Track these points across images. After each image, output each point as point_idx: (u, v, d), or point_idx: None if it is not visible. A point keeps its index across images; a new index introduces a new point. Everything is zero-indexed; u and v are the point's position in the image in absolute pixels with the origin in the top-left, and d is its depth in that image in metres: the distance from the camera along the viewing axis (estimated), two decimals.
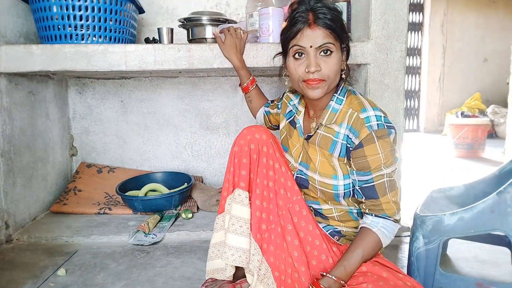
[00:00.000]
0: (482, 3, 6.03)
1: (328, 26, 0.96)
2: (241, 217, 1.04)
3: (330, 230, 1.12)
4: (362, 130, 0.97)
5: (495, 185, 1.28)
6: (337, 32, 0.98)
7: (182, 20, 1.78)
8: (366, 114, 0.99)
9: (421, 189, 2.54)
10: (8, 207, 1.65)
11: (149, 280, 1.32)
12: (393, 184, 1.00)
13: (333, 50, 0.98)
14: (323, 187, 1.06)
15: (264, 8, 1.64)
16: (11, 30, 1.69)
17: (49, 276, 1.35)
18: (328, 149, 1.04)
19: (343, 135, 1.02)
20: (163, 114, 2.30)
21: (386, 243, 1.01)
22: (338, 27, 0.98)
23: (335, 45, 0.98)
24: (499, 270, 1.36)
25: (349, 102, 1.04)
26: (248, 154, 1.06)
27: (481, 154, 3.95)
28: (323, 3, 0.98)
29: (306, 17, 0.97)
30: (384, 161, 0.97)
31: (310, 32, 0.97)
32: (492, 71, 6.14)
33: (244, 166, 1.06)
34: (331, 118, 1.04)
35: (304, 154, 1.10)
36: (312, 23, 0.97)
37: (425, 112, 6.24)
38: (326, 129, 1.05)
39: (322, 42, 0.96)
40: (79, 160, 2.28)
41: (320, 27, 0.96)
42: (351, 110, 1.01)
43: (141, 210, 1.89)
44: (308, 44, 0.97)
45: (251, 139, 1.07)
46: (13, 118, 1.68)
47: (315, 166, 1.06)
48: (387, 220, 1.00)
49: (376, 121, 0.97)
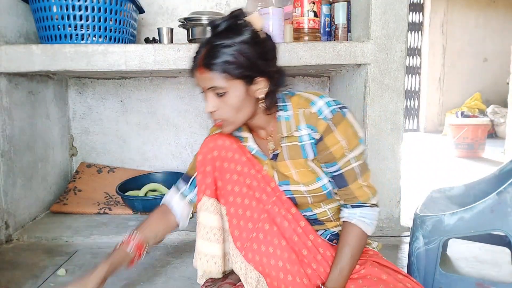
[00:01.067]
0: (482, 3, 6.03)
1: (214, 69, 0.90)
2: (210, 225, 1.02)
3: (328, 235, 1.10)
4: (318, 123, 0.95)
5: (495, 185, 1.28)
6: (230, 71, 0.90)
7: (182, 20, 1.78)
8: (317, 107, 0.96)
9: (421, 189, 2.54)
10: (8, 207, 1.65)
11: (149, 280, 1.32)
12: (364, 168, 0.99)
13: (227, 91, 0.92)
14: (313, 193, 1.03)
15: (264, 8, 1.64)
16: (11, 30, 1.69)
17: (49, 276, 1.35)
18: (301, 156, 1.01)
19: (306, 136, 0.99)
20: (163, 114, 2.30)
21: (370, 231, 0.99)
22: (231, 67, 0.90)
23: (229, 85, 0.92)
24: (499, 270, 1.36)
25: (296, 104, 1.01)
26: (211, 161, 1.03)
27: (481, 154, 3.96)
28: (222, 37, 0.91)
29: (199, 55, 0.93)
30: (347, 147, 0.95)
31: (198, 74, 0.94)
32: (492, 71, 6.14)
33: (208, 174, 1.03)
34: (289, 126, 1.00)
35: (278, 174, 1.06)
36: (199, 65, 0.93)
37: (425, 112, 6.24)
38: (288, 139, 1.01)
39: (208, 85, 0.93)
40: (79, 160, 2.28)
41: (205, 70, 0.91)
42: (302, 110, 0.99)
43: (141, 210, 1.89)
44: (201, 85, 0.95)
45: (213, 146, 1.04)
46: (13, 118, 1.68)
47: (295, 180, 1.03)
48: (364, 208, 0.99)
49: (327, 109, 0.95)
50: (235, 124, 0.98)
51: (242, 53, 0.91)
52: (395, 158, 1.68)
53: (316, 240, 1.03)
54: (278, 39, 1.65)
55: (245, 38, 0.91)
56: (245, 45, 0.91)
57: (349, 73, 1.87)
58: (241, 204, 1.02)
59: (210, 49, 0.91)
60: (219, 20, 0.94)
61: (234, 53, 0.90)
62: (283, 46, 1.59)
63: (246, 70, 0.92)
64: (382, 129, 1.67)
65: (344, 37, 1.79)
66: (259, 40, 0.94)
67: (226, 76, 0.91)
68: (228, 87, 0.92)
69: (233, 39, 0.91)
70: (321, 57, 1.61)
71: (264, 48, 0.96)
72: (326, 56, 1.61)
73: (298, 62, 1.60)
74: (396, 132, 1.67)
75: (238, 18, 0.94)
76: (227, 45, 0.90)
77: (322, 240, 1.04)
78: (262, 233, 1.01)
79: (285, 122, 1.01)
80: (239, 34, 0.92)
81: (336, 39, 1.80)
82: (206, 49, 0.92)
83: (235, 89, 0.93)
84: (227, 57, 0.90)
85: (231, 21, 0.93)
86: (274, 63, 1.00)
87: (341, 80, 2.03)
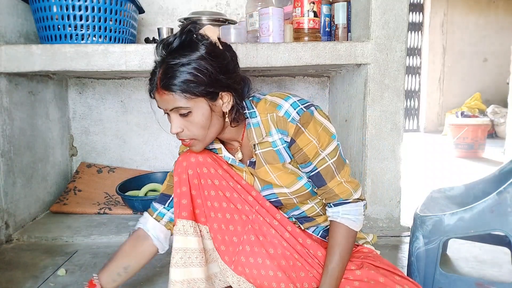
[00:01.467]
0: (482, 3, 6.03)
1: (175, 90, 0.86)
2: (189, 248, 0.97)
3: (321, 232, 1.11)
4: (288, 126, 0.93)
5: (495, 185, 1.28)
6: (192, 91, 0.86)
7: (182, 20, 1.78)
8: (284, 110, 0.94)
9: (421, 189, 2.54)
10: (8, 207, 1.65)
11: (149, 280, 1.32)
12: (340, 163, 0.97)
13: (190, 110, 0.89)
14: (297, 193, 1.02)
15: (264, 8, 1.64)
16: (11, 30, 1.69)
17: (49, 276, 1.35)
18: (278, 161, 0.99)
19: (279, 141, 0.97)
20: (163, 114, 2.29)
21: (357, 227, 0.98)
22: (192, 86, 0.86)
23: (192, 104, 0.88)
24: (499, 270, 1.36)
25: (262, 109, 0.97)
26: (186, 181, 0.99)
27: (481, 154, 3.96)
28: (177, 55, 0.87)
29: (156, 76, 0.89)
30: (319, 146, 0.94)
31: (158, 97, 0.90)
32: (492, 71, 6.14)
33: (184, 195, 0.99)
34: (259, 133, 0.97)
35: (259, 180, 1.05)
36: (158, 87, 0.89)
37: (425, 112, 6.24)
38: (261, 145, 0.99)
39: (171, 106, 0.89)
40: (79, 160, 2.28)
41: (165, 92, 0.87)
42: (270, 115, 0.96)
43: (141, 210, 1.89)
44: (163, 107, 0.92)
45: (187, 164, 1.00)
46: (13, 118, 1.68)
47: (277, 183, 1.02)
48: (346, 205, 0.97)
49: (294, 110, 0.93)
50: (204, 142, 0.95)
51: (201, 70, 0.86)
52: (395, 158, 1.68)
53: (305, 242, 1.03)
54: (278, 39, 1.65)
55: (202, 54, 0.87)
56: (203, 61, 0.87)
57: (349, 73, 1.87)
58: (223, 219, 1.01)
59: (166, 70, 0.87)
60: (171, 37, 0.89)
61: (192, 71, 0.86)
62: (283, 46, 1.60)
63: (208, 86, 0.88)
64: (382, 129, 1.67)
65: (344, 37, 1.79)
66: (217, 53, 0.90)
67: (188, 95, 0.87)
68: (191, 107, 0.89)
69: (189, 57, 0.86)
70: (321, 57, 1.61)
71: (223, 60, 0.91)
72: (326, 56, 1.61)
73: (298, 62, 1.60)
74: (396, 132, 1.67)
75: (191, 33, 0.89)
76: (184, 64, 0.86)
77: (312, 241, 1.04)
78: (249, 245, 1.00)
79: (254, 129, 0.98)
80: (195, 50, 0.87)
81: (336, 39, 1.80)
82: (162, 69, 0.88)
83: (199, 108, 0.90)
84: (186, 76, 0.86)
85: (184, 37, 0.88)
86: (236, 74, 0.95)
87: (341, 80, 2.03)
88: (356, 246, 1.08)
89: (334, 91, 2.19)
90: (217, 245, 1.02)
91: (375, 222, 1.73)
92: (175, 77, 0.86)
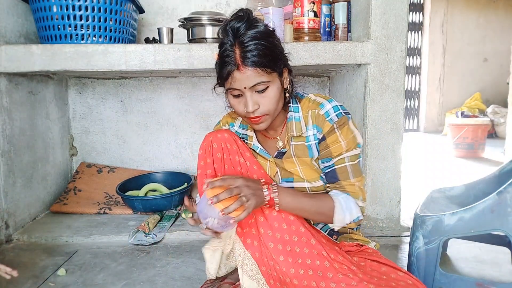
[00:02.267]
0: (482, 3, 6.03)
1: (257, 64, 0.92)
2: None
3: (328, 230, 1.12)
4: (324, 125, 1.01)
5: (495, 185, 1.28)
6: (270, 65, 0.94)
7: (182, 20, 1.78)
8: (325, 109, 1.02)
9: (421, 189, 2.54)
10: (8, 207, 1.65)
11: (149, 280, 1.32)
12: (357, 170, 1.02)
13: (268, 85, 0.95)
14: (316, 190, 1.06)
15: (264, 8, 1.64)
16: (11, 30, 1.69)
17: (49, 276, 1.35)
18: (308, 156, 1.06)
19: (312, 136, 1.04)
20: (163, 114, 2.30)
21: (339, 216, 0.98)
22: (269, 59, 0.93)
23: (270, 78, 0.95)
24: (499, 270, 1.36)
25: (306, 106, 1.05)
26: (211, 153, 1.05)
27: (481, 154, 3.95)
28: (249, 34, 0.93)
29: (233, 56, 0.93)
30: (345, 148, 1.00)
31: (240, 75, 0.93)
32: (492, 71, 6.14)
33: (209, 166, 1.05)
34: (298, 127, 1.05)
35: (281, 171, 1.09)
36: (240, 64, 0.92)
37: (425, 112, 6.24)
38: (296, 139, 1.06)
39: (254, 82, 0.93)
40: (79, 160, 2.28)
41: (249, 68, 0.92)
42: (311, 111, 1.04)
43: (141, 210, 1.89)
44: (241, 86, 0.94)
45: (213, 139, 1.06)
46: (13, 118, 1.68)
47: (300, 176, 1.06)
48: (350, 197, 1.00)
49: (334, 113, 1.01)
50: (273, 117, 1.01)
51: (272, 45, 0.95)
52: (395, 158, 1.68)
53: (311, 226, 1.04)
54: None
55: (266, 31, 0.95)
56: (270, 38, 0.95)
57: (349, 73, 1.87)
58: None
59: (244, 48, 0.92)
60: (234, 21, 0.95)
61: (267, 46, 0.93)
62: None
63: (280, 61, 0.97)
64: (382, 129, 1.67)
65: (344, 37, 1.79)
66: (273, 30, 0.99)
67: (268, 70, 0.93)
68: (270, 81, 0.95)
69: (261, 34, 0.93)
70: (321, 57, 1.61)
71: (278, 38, 1.00)
72: (326, 56, 1.61)
73: (298, 62, 1.60)
74: (396, 132, 1.67)
75: (251, 15, 0.97)
76: (259, 41, 0.92)
77: (320, 236, 1.03)
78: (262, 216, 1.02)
79: (295, 123, 1.05)
80: (260, 28, 0.95)
81: (336, 39, 1.80)
82: (239, 49, 0.93)
83: (275, 82, 0.97)
84: (265, 51, 0.92)
85: (248, 19, 0.95)
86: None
87: (341, 80, 2.03)
88: (360, 247, 1.08)
89: (334, 91, 2.19)
90: None
91: (375, 222, 1.73)
92: (260, 51, 0.92)
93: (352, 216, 1.00)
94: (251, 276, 1.00)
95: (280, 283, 0.97)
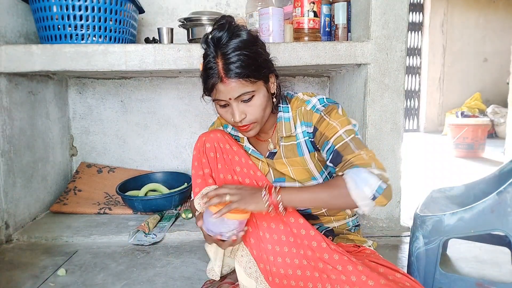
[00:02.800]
0: (482, 3, 6.03)
1: (241, 76, 0.91)
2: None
3: (323, 231, 1.11)
4: (312, 117, 1.01)
5: (495, 185, 1.28)
6: (253, 74, 0.93)
7: (182, 20, 1.78)
8: (311, 104, 1.02)
9: (421, 189, 2.54)
10: (8, 207, 1.65)
11: (149, 280, 1.32)
12: (359, 143, 0.95)
13: (254, 94, 0.95)
14: None
15: (264, 8, 1.64)
16: (11, 30, 1.69)
17: (49, 276, 1.35)
18: (297, 155, 1.06)
19: (301, 134, 1.04)
20: (163, 114, 2.30)
21: (356, 191, 0.86)
22: (252, 69, 0.92)
23: (255, 87, 0.94)
24: (499, 270, 1.36)
25: (295, 105, 1.06)
26: (204, 153, 1.07)
27: (481, 154, 3.95)
28: (231, 44, 0.92)
29: (216, 68, 0.92)
30: (340, 127, 0.97)
31: (224, 87, 0.93)
32: (492, 71, 6.13)
33: (205, 165, 1.06)
34: (288, 127, 1.05)
35: (274, 171, 1.10)
36: (223, 77, 0.92)
37: (425, 112, 6.24)
38: (285, 139, 1.06)
39: (238, 93, 0.93)
40: (79, 160, 2.28)
41: (233, 80, 0.91)
42: (298, 109, 1.04)
43: (141, 210, 1.89)
44: (226, 97, 0.94)
45: (206, 139, 1.07)
46: (13, 118, 1.68)
47: (291, 176, 1.07)
48: (360, 168, 0.88)
49: (320, 104, 1.01)
50: (261, 124, 1.02)
51: (256, 54, 0.94)
52: (395, 158, 1.68)
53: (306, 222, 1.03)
54: (278, 39, 1.65)
55: (249, 39, 0.94)
56: (253, 46, 0.94)
57: (349, 73, 1.87)
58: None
59: (227, 60, 0.91)
60: (215, 31, 0.94)
61: (250, 56, 0.92)
62: (283, 46, 1.59)
63: (264, 68, 0.96)
64: (382, 129, 1.67)
65: (344, 37, 1.79)
66: (256, 37, 0.98)
67: (252, 80, 0.93)
68: (255, 90, 0.95)
69: (242, 43, 0.92)
70: (321, 57, 1.61)
71: (263, 44, 1.00)
72: (326, 56, 1.61)
73: (298, 62, 1.60)
74: (396, 132, 1.67)
75: (233, 24, 0.95)
76: (241, 51, 0.91)
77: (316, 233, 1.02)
78: (254, 217, 1.02)
79: (284, 123, 1.05)
80: (242, 37, 0.93)
81: (336, 39, 1.80)
82: (221, 61, 0.92)
83: (260, 90, 0.97)
84: (247, 61, 0.92)
85: (229, 28, 0.93)
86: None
87: (341, 80, 2.03)
88: (358, 247, 1.08)
89: (334, 91, 2.19)
90: None
91: (375, 222, 1.73)
92: (242, 62, 0.91)
93: (372, 187, 0.86)
94: (249, 274, 1.00)
95: (279, 278, 0.97)
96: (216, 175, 1.07)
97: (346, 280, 0.90)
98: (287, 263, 0.97)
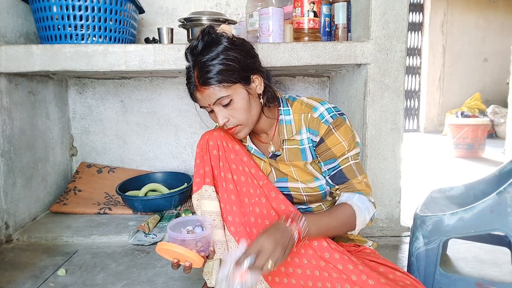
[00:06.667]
0: (482, 3, 6.03)
1: (214, 82, 0.93)
2: (212, 211, 1.05)
3: None
4: (320, 127, 1.01)
5: (495, 185, 1.28)
6: (229, 79, 0.94)
7: (182, 20, 1.78)
8: (319, 112, 1.02)
9: (421, 189, 2.54)
10: (8, 207, 1.65)
11: (149, 280, 1.32)
12: (360, 168, 1.04)
13: (231, 98, 0.96)
14: (309, 192, 1.07)
15: (264, 8, 1.64)
16: (11, 30, 1.69)
17: (49, 276, 1.35)
18: (300, 159, 1.07)
19: (306, 140, 1.05)
20: (163, 114, 2.30)
21: (361, 218, 0.98)
22: (228, 74, 0.94)
23: (231, 91, 0.96)
24: (499, 270, 1.36)
25: (298, 109, 1.06)
26: (207, 151, 1.08)
27: (481, 154, 3.95)
28: (206, 53, 0.95)
29: (193, 77, 0.96)
30: (347, 148, 1.01)
31: (200, 95, 0.97)
32: (492, 71, 6.14)
33: (206, 163, 1.07)
34: (289, 130, 1.06)
35: (276, 171, 1.11)
36: (198, 85, 0.95)
37: (425, 112, 6.24)
38: (289, 142, 1.07)
39: (214, 99, 0.95)
40: (79, 160, 2.28)
41: (206, 87, 0.94)
42: (304, 115, 1.04)
43: (141, 210, 1.89)
44: (206, 104, 0.98)
45: (209, 137, 1.08)
46: (13, 118, 1.68)
47: (294, 177, 1.08)
48: (363, 197, 1.01)
49: (329, 115, 1.01)
50: (249, 126, 1.02)
51: (230, 59, 0.95)
52: (395, 158, 1.68)
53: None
54: (278, 39, 1.65)
55: (226, 45, 0.96)
56: (229, 51, 0.95)
57: (349, 73, 1.87)
58: (233, 190, 1.05)
59: (200, 68, 0.94)
60: (194, 41, 0.97)
61: (223, 61, 0.94)
62: (283, 46, 1.60)
63: (241, 72, 0.96)
64: (382, 129, 1.67)
65: (344, 37, 1.79)
66: (237, 42, 0.99)
67: (226, 84, 0.94)
68: (231, 94, 0.96)
69: (217, 51, 0.95)
70: (321, 57, 1.61)
71: (245, 47, 1.01)
72: (326, 56, 1.61)
73: (298, 62, 1.60)
74: (396, 132, 1.67)
75: (211, 33, 0.97)
76: (214, 57, 0.94)
77: None
78: (253, 216, 1.03)
79: (286, 126, 1.06)
80: (219, 44, 0.96)
81: (336, 39, 1.80)
82: (196, 69, 0.95)
83: (238, 93, 0.97)
84: (219, 67, 0.93)
85: (206, 37, 0.96)
86: (258, 59, 1.05)
87: (341, 80, 2.03)
88: (358, 247, 1.08)
89: (334, 91, 2.19)
90: (225, 215, 1.05)
91: (375, 222, 1.73)
92: (210, 71, 0.93)
93: (370, 214, 1.01)
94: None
95: (280, 277, 0.97)
96: (218, 173, 1.07)
97: (346, 279, 0.91)
98: (288, 261, 0.97)
